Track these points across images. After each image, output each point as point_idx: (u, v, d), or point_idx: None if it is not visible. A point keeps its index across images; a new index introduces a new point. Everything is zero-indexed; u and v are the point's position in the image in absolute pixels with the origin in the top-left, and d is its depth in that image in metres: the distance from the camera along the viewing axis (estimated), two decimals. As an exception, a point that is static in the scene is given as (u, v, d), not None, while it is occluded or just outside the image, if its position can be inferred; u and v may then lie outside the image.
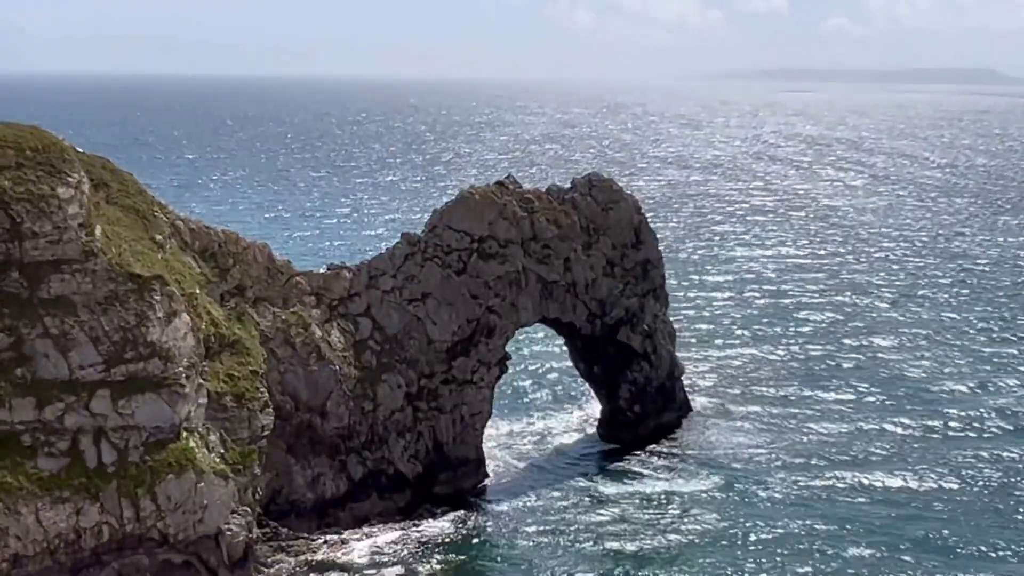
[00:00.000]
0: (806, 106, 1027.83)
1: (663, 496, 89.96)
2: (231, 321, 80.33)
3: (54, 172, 72.28)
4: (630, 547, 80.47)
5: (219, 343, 78.02)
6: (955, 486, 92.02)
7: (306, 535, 79.50)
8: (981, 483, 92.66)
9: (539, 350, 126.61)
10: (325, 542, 79.31)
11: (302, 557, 77.06)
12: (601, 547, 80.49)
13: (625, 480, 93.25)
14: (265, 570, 74.31)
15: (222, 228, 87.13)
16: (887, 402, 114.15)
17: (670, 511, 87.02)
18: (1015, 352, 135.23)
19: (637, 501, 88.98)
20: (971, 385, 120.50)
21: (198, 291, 78.60)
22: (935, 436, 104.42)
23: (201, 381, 73.81)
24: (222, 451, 73.68)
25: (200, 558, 71.06)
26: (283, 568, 75.39)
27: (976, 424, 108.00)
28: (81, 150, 79.42)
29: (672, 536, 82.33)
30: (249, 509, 74.41)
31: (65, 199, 71.01)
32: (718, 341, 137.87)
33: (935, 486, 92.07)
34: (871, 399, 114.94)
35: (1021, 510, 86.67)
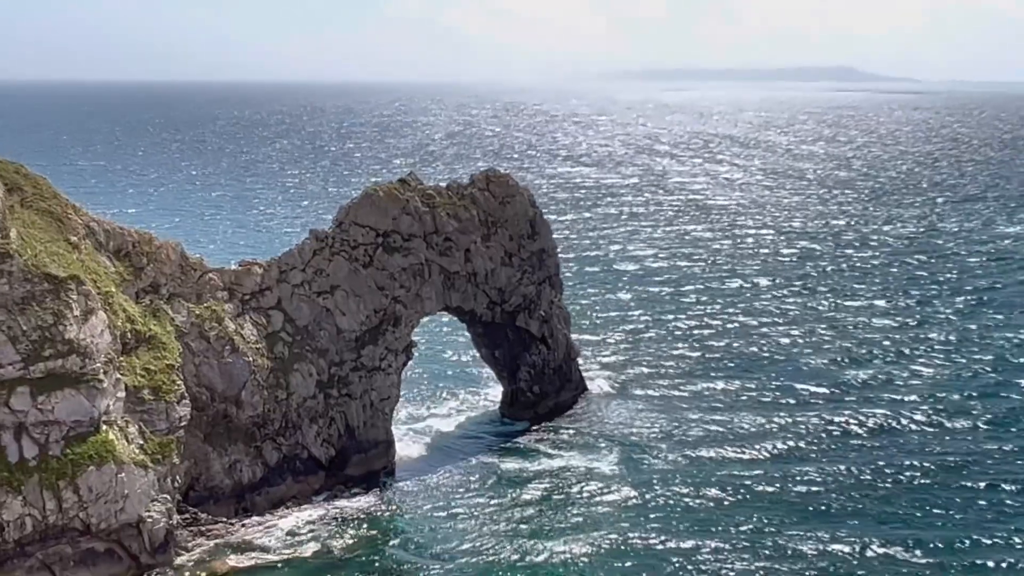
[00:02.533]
0: (686, 104, 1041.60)
1: (562, 470, 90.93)
2: (146, 317, 79.31)
3: (-34, 178, 71.27)
4: (532, 520, 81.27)
5: (135, 339, 77.05)
6: (826, 453, 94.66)
7: (225, 519, 78.87)
8: (849, 450, 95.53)
9: (444, 337, 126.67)
10: (243, 525, 78.78)
11: (221, 540, 76.46)
12: (505, 521, 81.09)
13: (527, 456, 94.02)
14: (186, 554, 73.53)
15: (135, 229, 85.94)
16: (766, 380, 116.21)
17: (569, 484, 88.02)
18: (880, 327, 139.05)
19: (538, 476, 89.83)
20: (840, 361, 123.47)
21: (113, 289, 77.68)
22: (807, 409, 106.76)
23: (119, 376, 72.96)
24: (141, 442, 72.85)
25: (122, 545, 70.23)
26: (203, 551, 74.64)
27: (844, 397, 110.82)
28: (-5, 155, 77.94)
29: (572, 508, 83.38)
30: (169, 497, 73.71)
31: (-22, 204, 70.06)
32: (612, 326, 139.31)
33: (808, 455, 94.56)
34: (751, 379, 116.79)
35: (887, 471, 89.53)
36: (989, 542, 76.52)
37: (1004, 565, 73.05)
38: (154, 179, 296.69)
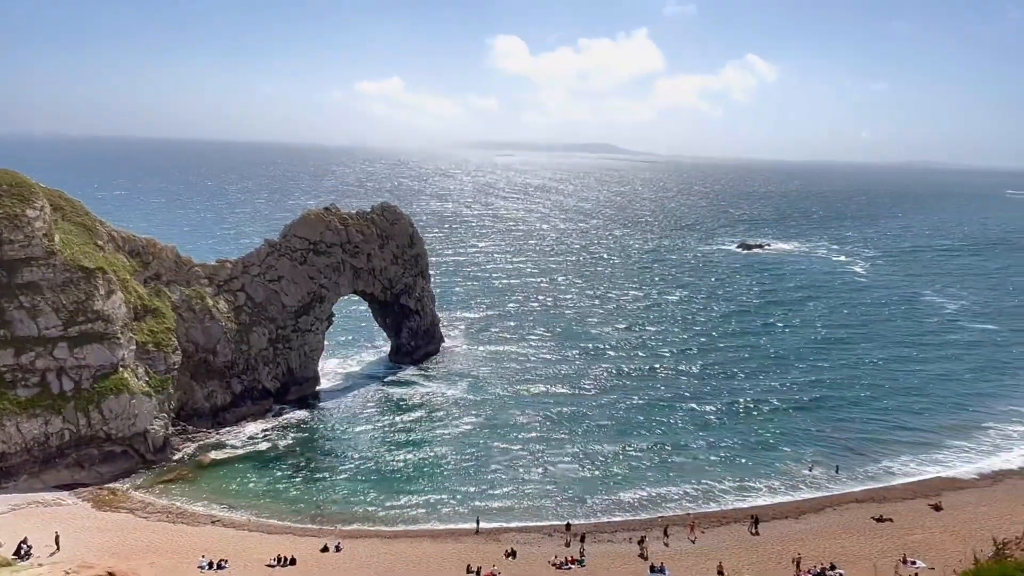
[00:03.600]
0: (511, 164, 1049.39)
1: (431, 394, 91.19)
2: (151, 296, 76.32)
3: (24, 199, 67.77)
4: (414, 426, 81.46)
5: (143, 310, 74.19)
6: (601, 387, 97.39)
7: (205, 429, 76.42)
8: (616, 386, 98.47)
9: (354, 311, 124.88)
10: (218, 433, 76.44)
11: (203, 443, 74.04)
12: (392, 426, 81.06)
13: (407, 386, 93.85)
14: (178, 453, 70.95)
15: (144, 236, 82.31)
16: (565, 339, 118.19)
17: (436, 403, 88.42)
18: (633, 303, 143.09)
19: (415, 398, 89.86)
20: (609, 326, 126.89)
21: (128, 277, 74.85)
22: (593, 359, 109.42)
23: (131, 335, 70.21)
24: (147, 379, 70.24)
25: (133, 448, 67.62)
26: (191, 451, 72.15)
27: (612, 350, 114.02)
28: (43, 185, 74.01)
29: (438, 418, 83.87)
30: (166, 415, 71.38)
31: (32, 217, 66.97)
32: (464, 303, 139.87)
33: (590, 389, 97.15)
34: (556, 338, 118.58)
35: (638, 400, 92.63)
36: (694, 444, 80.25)
37: (696, 447, 77.05)
38: (156, 205, 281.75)
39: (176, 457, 70.41)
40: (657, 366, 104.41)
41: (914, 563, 54.22)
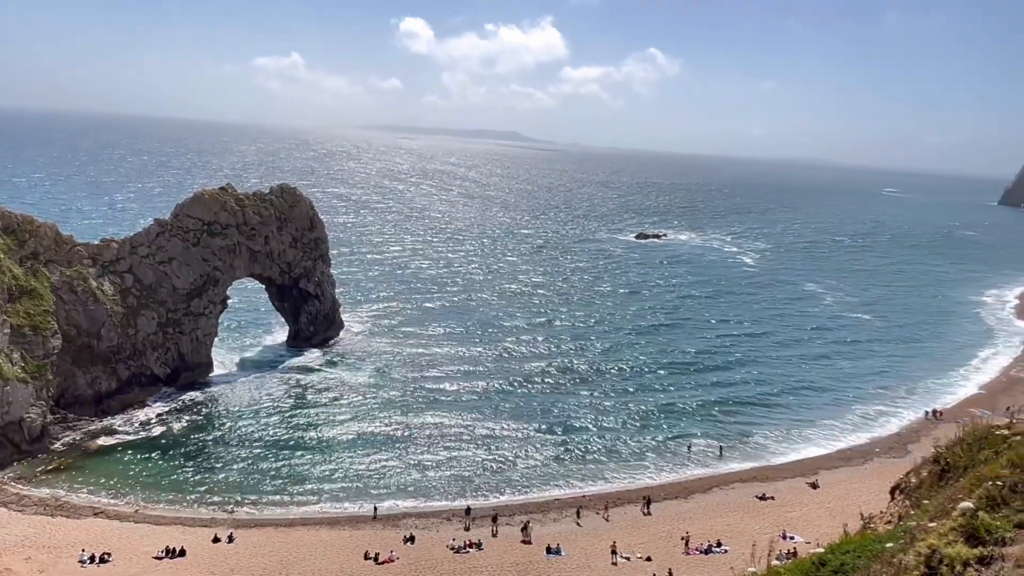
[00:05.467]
0: (415, 148, 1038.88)
1: (329, 380, 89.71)
2: (28, 276, 71.74)
3: None
4: (311, 412, 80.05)
5: (20, 291, 69.60)
6: (505, 374, 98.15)
7: (87, 417, 72.73)
8: (516, 371, 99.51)
9: (250, 294, 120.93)
10: (101, 420, 72.92)
11: (88, 431, 70.51)
12: (292, 412, 79.41)
13: (305, 372, 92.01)
14: (58, 442, 67.27)
15: (20, 213, 77.25)
16: (466, 325, 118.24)
17: (335, 389, 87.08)
18: (538, 286, 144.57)
19: (314, 383, 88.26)
20: (519, 315, 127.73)
21: (2, 256, 69.86)
22: (490, 343, 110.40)
23: (4, 318, 65.76)
24: (23, 364, 66.18)
25: (7, 437, 63.63)
26: (74, 440, 68.55)
27: (521, 338, 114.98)
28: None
29: (337, 400, 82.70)
30: (44, 403, 67.44)
31: None
32: (364, 288, 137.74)
33: (492, 377, 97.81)
34: (455, 324, 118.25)
35: (530, 383, 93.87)
36: (591, 427, 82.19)
37: (592, 430, 79.14)
38: (38, 179, 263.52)
39: (56, 447, 66.83)
40: (556, 352, 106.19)
41: (792, 538, 57.71)
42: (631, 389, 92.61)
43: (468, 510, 60.56)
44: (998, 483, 12.57)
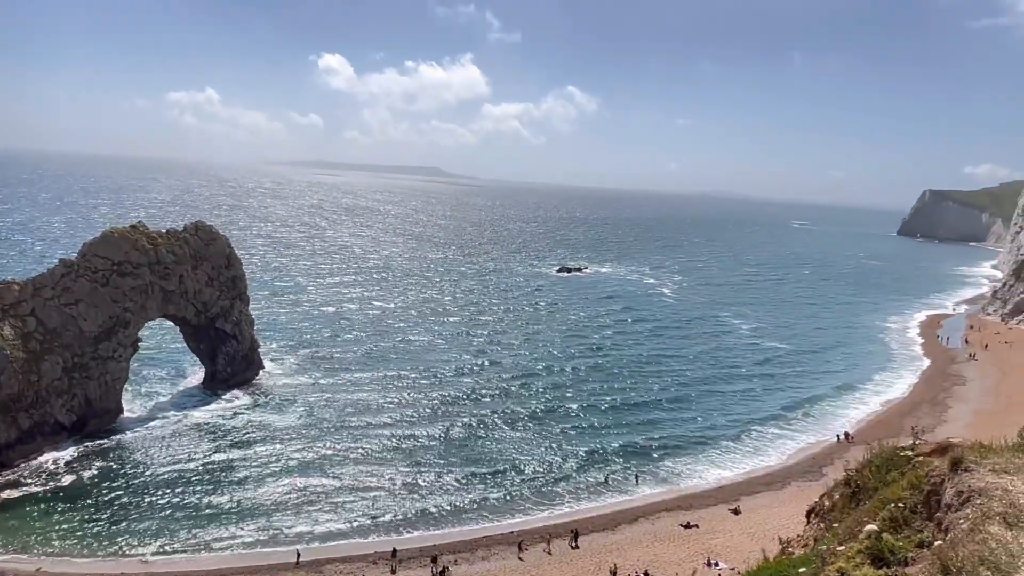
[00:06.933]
0: (336, 184, 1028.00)
1: (247, 423, 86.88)
2: (-81, 322, 67.18)
3: None
4: (228, 456, 77.19)
5: (-92, 338, 65.02)
6: (430, 411, 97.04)
7: (-16, 471, 68.30)
8: (443, 409, 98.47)
9: (163, 335, 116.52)
10: (1, 473, 68.60)
11: (-19, 486, 66.21)
12: (208, 457, 76.39)
13: (222, 416, 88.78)
14: (-50, 499, 62.88)
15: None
16: (395, 366, 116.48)
17: (253, 432, 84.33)
18: (468, 331, 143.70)
19: (231, 426, 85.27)
20: (447, 352, 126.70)
21: None
22: (415, 388, 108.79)
23: None
24: (-88, 416, 61.54)
25: None
26: (-34, 495, 64.24)
27: (448, 375, 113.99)
28: None
29: (255, 443, 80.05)
30: (-64, 456, 62.86)
31: None
32: (285, 328, 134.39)
33: (417, 415, 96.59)
34: (385, 365, 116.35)
35: (470, 418, 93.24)
36: (519, 462, 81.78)
37: (517, 465, 78.84)
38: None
39: (-52, 503, 62.45)
40: (480, 387, 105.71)
41: (717, 564, 58.66)
42: (553, 420, 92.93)
43: (394, 552, 59.34)
44: (900, 504, 13.19)
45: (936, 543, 10.93)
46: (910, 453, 23.63)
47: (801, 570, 14.18)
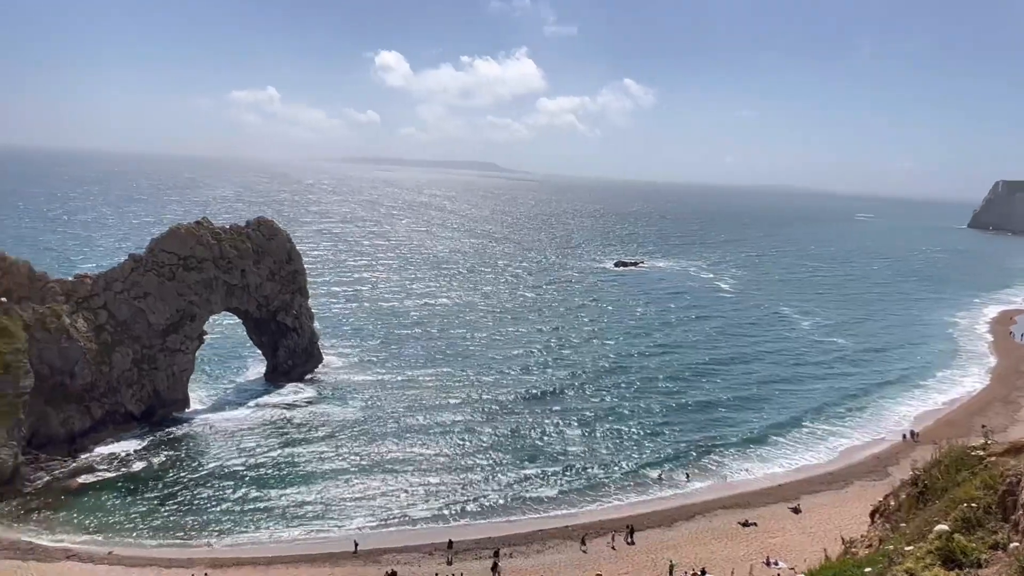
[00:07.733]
0: (394, 180, 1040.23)
1: (307, 414, 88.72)
2: (0, 315, 70.45)
3: None
4: (289, 447, 78.90)
5: (-10, 330, 68.34)
6: (491, 404, 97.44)
7: (59, 457, 71.30)
8: (503, 402, 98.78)
9: (228, 328, 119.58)
10: (75, 459, 71.52)
11: (59, 470, 69.11)
12: (270, 448, 78.24)
13: (283, 407, 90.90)
14: (29, 483, 65.83)
15: (-9, 251, 76.33)
16: (453, 360, 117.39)
17: (313, 423, 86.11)
18: (526, 327, 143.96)
19: (291, 418, 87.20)
20: (505, 346, 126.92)
21: (-27, 294, 68.79)
22: (480, 376, 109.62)
23: (-24, 356, 64.53)
24: (-6, 404, 64.66)
25: (-23, 479, 62.03)
26: (47, 481, 67.17)
27: (506, 369, 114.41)
28: None
29: (315, 434, 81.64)
30: (15, 443, 65.96)
31: None
32: (344, 321, 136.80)
33: (475, 408, 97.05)
34: (443, 359, 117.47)
35: (532, 413, 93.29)
36: (557, 454, 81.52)
37: (560, 455, 78.67)
38: (4, 217, 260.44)
39: (28, 489, 65.35)
40: (539, 382, 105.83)
41: (776, 563, 57.55)
42: (611, 418, 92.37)
43: (450, 543, 59.80)
44: (972, 505, 12.67)
45: (1012, 545, 10.46)
46: (982, 453, 22.73)
47: (867, 570, 13.74)
